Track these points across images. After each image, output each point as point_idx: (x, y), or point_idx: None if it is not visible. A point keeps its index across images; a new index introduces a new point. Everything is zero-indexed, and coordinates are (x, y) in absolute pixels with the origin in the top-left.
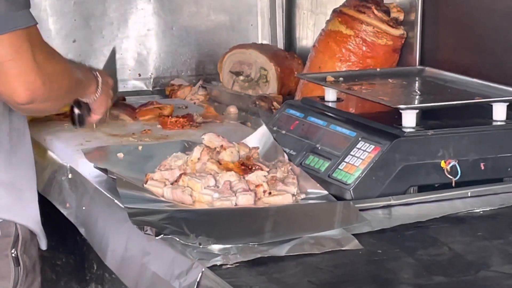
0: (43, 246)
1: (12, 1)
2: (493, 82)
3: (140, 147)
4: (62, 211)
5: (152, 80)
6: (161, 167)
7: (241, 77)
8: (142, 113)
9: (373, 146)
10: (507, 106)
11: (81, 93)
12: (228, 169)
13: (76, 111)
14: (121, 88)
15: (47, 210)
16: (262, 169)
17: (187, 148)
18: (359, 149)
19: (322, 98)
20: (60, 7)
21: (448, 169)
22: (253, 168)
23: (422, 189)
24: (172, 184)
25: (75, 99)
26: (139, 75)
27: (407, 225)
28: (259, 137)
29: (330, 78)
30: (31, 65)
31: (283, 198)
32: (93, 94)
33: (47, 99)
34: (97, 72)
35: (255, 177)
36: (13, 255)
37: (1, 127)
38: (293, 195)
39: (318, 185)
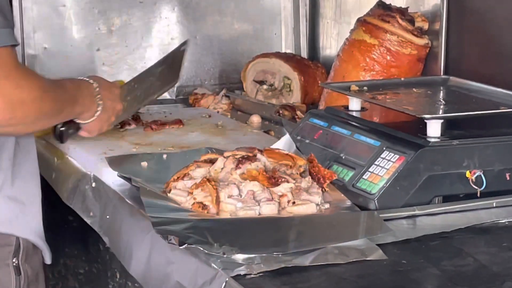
0: (48, 260)
1: None
2: None
3: (164, 156)
4: (85, 219)
5: (175, 89)
6: (181, 176)
7: (265, 86)
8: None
9: (397, 156)
10: None
11: (66, 117)
12: (252, 177)
13: (59, 126)
14: None
15: (71, 218)
16: (288, 182)
17: None
18: (383, 158)
19: (346, 108)
20: (84, 16)
21: (473, 179)
22: (279, 181)
23: (447, 199)
24: None
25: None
26: None
27: (431, 236)
28: (282, 146)
29: (354, 87)
30: None
31: (307, 207)
32: (89, 118)
33: (9, 125)
34: (99, 96)
35: (282, 188)
36: (14, 264)
37: (7, 143)
38: (317, 204)
39: (342, 194)
